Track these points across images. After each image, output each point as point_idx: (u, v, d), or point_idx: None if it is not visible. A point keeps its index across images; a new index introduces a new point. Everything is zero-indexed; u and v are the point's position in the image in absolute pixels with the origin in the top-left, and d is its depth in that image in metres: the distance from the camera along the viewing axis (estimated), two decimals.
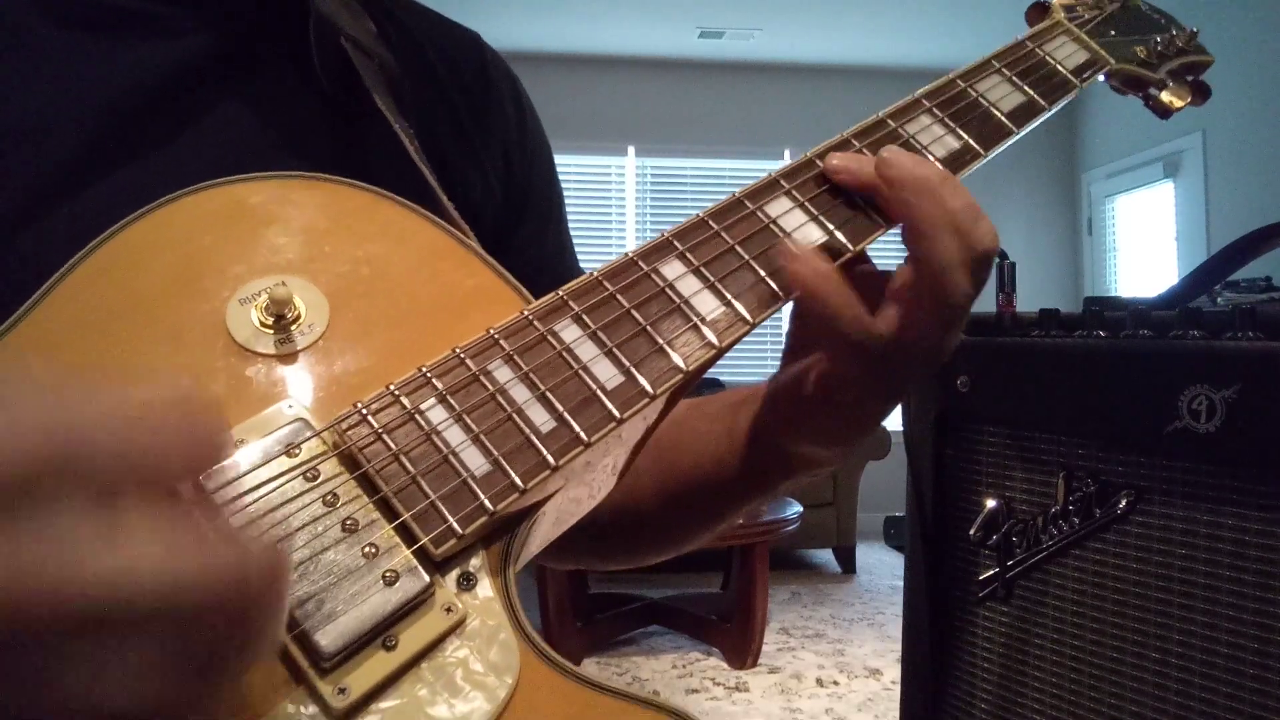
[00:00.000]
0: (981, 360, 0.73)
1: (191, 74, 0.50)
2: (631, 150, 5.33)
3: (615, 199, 5.37)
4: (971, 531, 0.74)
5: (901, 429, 0.81)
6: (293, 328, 0.40)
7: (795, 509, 3.24)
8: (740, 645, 3.07)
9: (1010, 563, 0.71)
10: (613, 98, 5.29)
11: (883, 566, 4.50)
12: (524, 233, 0.64)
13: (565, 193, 0.70)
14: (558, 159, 0.70)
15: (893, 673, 3.00)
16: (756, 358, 5.05)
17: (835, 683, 2.92)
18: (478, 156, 0.61)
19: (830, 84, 5.35)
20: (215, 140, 0.50)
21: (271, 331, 0.39)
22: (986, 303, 0.80)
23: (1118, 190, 5.24)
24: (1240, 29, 4.20)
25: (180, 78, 0.50)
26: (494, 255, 0.62)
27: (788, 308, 0.46)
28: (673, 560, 0.63)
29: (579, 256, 0.71)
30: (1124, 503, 0.64)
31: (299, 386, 0.39)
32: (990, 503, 0.73)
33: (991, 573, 0.72)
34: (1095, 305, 0.70)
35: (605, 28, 4.84)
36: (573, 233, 0.71)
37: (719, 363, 0.43)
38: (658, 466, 0.58)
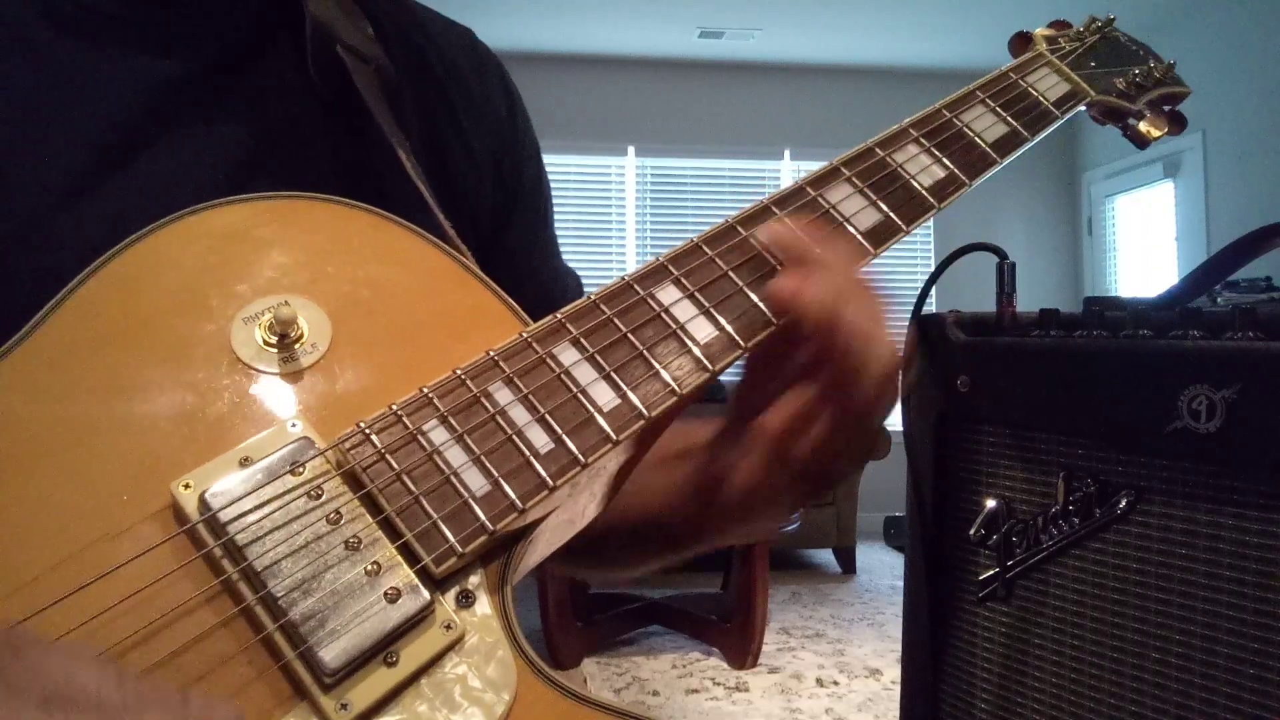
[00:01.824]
0: (981, 360, 0.73)
1: (192, 82, 0.51)
2: (631, 150, 5.32)
3: (615, 199, 5.36)
4: (971, 531, 0.74)
5: (901, 429, 0.81)
6: (296, 347, 0.40)
7: None
8: (740, 645, 3.07)
9: (1010, 563, 0.71)
10: (613, 98, 5.28)
11: (883, 566, 4.50)
12: (515, 233, 0.64)
13: (565, 193, 0.71)
14: (557, 159, 0.70)
15: (893, 673, 3.00)
16: None
17: (835, 683, 2.92)
18: (474, 157, 0.61)
19: (830, 84, 5.34)
20: (216, 149, 0.50)
21: (275, 350, 0.40)
22: (987, 303, 0.81)
23: (1118, 190, 5.24)
24: (1241, 29, 4.20)
25: (182, 86, 0.50)
26: (489, 254, 0.62)
27: None
28: None
29: (580, 258, 0.71)
30: (1124, 503, 0.64)
31: (302, 405, 0.39)
32: (990, 503, 0.73)
33: (991, 573, 0.72)
34: (1095, 305, 0.70)
35: (605, 28, 4.84)
36: (573, 233, 0.71)
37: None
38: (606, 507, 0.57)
